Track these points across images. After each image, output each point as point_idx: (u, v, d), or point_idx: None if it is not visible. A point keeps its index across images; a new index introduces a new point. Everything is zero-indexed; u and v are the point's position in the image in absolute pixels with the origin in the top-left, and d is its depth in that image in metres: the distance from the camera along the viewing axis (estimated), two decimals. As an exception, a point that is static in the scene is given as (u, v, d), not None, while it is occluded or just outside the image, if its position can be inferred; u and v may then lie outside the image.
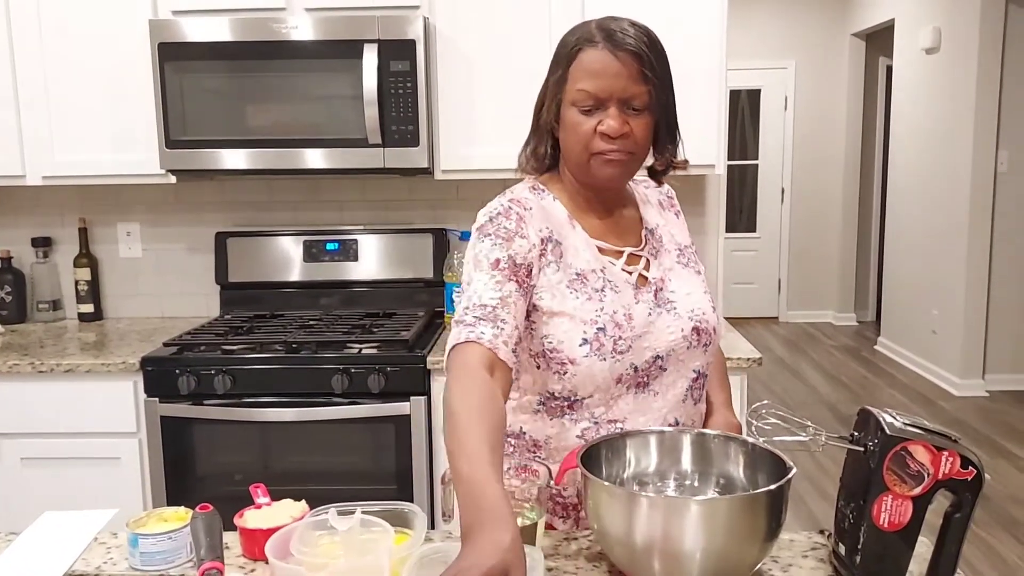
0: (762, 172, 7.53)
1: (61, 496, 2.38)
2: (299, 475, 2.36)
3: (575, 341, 1.24)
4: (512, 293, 1.20)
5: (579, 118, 1.24)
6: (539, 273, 1.26)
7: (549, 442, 1.30)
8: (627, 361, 1.25)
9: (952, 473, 1.06)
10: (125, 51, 2.52)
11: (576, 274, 1.27)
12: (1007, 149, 5.10)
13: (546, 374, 1.27)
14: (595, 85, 1.21)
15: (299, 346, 2.37)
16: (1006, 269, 5.19)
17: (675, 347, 1.29)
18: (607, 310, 1.25)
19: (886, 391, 5.44)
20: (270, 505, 1.22)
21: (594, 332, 1.24)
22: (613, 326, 1.24)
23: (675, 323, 1.29)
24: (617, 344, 1.24)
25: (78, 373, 2.35)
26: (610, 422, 1.27)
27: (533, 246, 1.25)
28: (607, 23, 1.24)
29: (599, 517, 1.05)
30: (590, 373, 1.24)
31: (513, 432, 1.33)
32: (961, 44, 5.18)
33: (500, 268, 1.21)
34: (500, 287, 1.20)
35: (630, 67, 1.21)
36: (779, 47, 7.26)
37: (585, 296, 1.25)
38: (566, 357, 1.24)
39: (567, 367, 1.25)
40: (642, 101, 1.23)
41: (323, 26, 2.41)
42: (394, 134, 2.43)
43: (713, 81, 2.50)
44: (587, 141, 1.24)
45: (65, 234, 2.95)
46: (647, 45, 1.22)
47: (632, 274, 1.31)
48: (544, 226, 1.28)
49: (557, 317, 1.25)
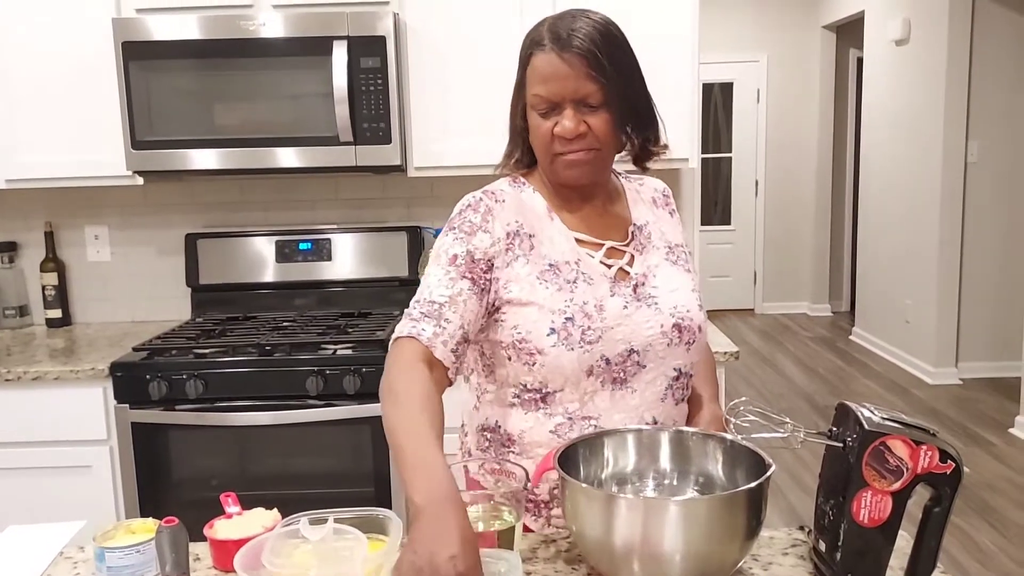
0: (735, 165, 7.56)
1: (30, 507, 2.33)
2: (275, 479, 2.33)
3: (543, 331, 1.23)
4: (463, 291, 1.22)
5: (538, 121, 1.25)
6: (506, 268, 1.26)
7: (523, 436, 1.29)
8: (597, 352, 1.24)
9: (931, 467, 1.06)
10: (88, 50, 2.46)
11: (549, 265, 1.27)
12: (977, 139, 5.15)
13: (518, 366, 1.27)
14: (547, 89, 1.22)
15: (273, 348, 2.33)
16: (978, 259, 5.25)
17: (653, 342, 1.27)
18: (577, 300, 1.24)
19: (861, 381, 5.48)
20: (241, 514, 1.19)
21: (562, 321, 1.23)
22: (582, 316, 1.24)
23: (655, 318, 1.28)
24: (585, 334, 1.23)
25: (46, 380, 2.30)
26: (584, 418, 1.26)
27: (497, 240, 1.26)
28: (558, 23, 1.23)
29: (577, 519, 1.03)
30: (558, 364, 1.23)
31: (488, 426, 1.33)
32: (930, 35, 5.23)
33: (456, 264, 1.23)
34: (452, 284, 1.22)
35: (578, 68, 1.20)
36: (750, 40, 7.29)
37: (556, 287, 1.25)
38: (534, 347, 1.24)
39: (535, 357, 1.24)
40: (596, 98, 1.22)
41: (292, 23, 2.37)
42: (366, 132, 2.40)
43: (686, 75, 2.49)
44: (547, 143, 1.25)
45: (31, 238, 2.89)
46: (598, 41, 1.20)
47: (611, 268, 1.30)
48: (514, 219, 1.28)
49: (526, 307, 1.25)
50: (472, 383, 1.39)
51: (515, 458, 1.29)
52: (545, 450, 1.24)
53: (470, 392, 1.40)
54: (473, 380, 1.38)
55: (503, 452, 1.31)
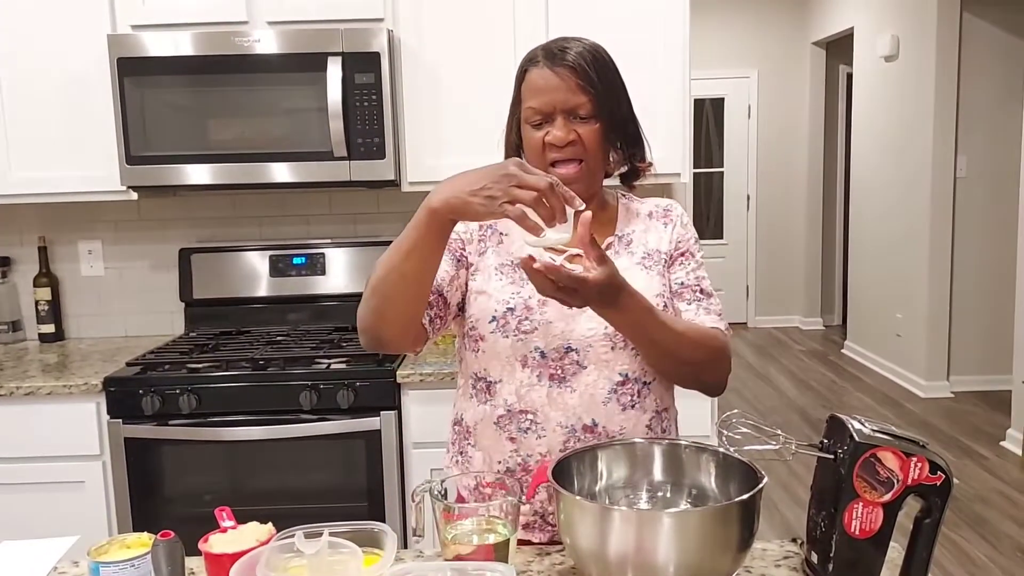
0: (727, 179, 7.60)
1: (23, 523, 2.32)
2: (268, 494, 2.32)
3: (487, 318, 1.33)
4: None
5: (531, 133, 1.32)
6: (478, 256, 1.37)
7: (476, 427, 1.37)
8: (531, 343, 1.30)
9: (921, 479, 1.07)
10: (83, 66, 2.47)
11: (511, 262, 1.35)
12: (965, 154, 5.19)
13: (469, 354, 1.37)
14: (539, 101, 1.30)
15: (266, 363, 2.34)
16: (968, 272, 5.28)
17: (593, 343, 1.31)
18: (523, 295, 1.32)
19: (854, 394, 5.50)
20: (235, 528, 1.19)
21: (503, 311, 1.32)
22: (523, 308, 1.32)
23: (598, 320, 1.27)
24: (522, 324, 1.31)
25: (39, 395, 2.29)
26: (522, 412, 1.32)
27: (472, 231, 1.38)
28: (551, 44, 1.33)
29: (571, 532, 1.04)
30: (495, 351, 1.32)
31: (456, 419, 1.42)
32: (919, 52, 5.28)
33: None
34: None
35: (568, 80, 1.28)
36: (741, 56, 7.35)
37: (509, 280, 1.34)
38: (478, 334, 1.34)
39: (479, 344, 1.34)
40: (586, 110, 1.29)
41: (286, 39, 2.39)
42: (360, 147, 2.42)
43: (677, 90, 2.51)
44: (539, 153, 1.32)
45: (24, 253, 2.89)
46: (587, 59, 1.30)
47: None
48: None
49: (481, 296, 1.34)
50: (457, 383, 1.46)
51: (471, 450, 1.38)
52: (492, 443, 1.34)
53: None
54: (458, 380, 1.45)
55: (464, 444, 1.39)
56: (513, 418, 1.33)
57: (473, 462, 1.36)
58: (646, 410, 1.35)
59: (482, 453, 1.36)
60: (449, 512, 1.11)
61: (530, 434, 1.32)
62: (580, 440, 1.31)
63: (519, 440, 1.33)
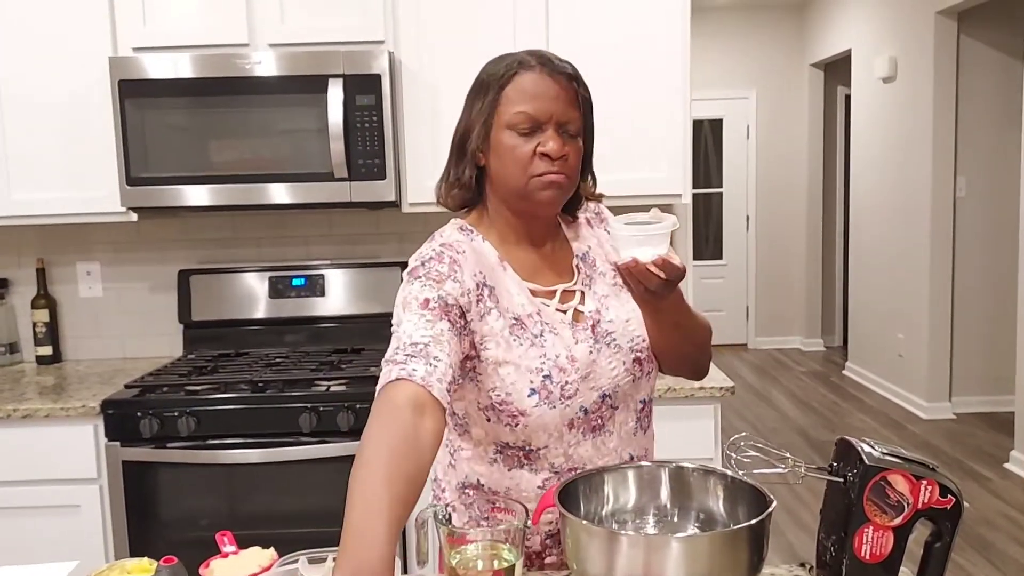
0: (726, 200, 7.62)
1: (18, 548, 2.29)
2: (267, 518, 2.30)
3: (523, 392, 1.21)
4: (444, 332, 1.14)
5: (516, 141, 1.22)
6: (480, 321, 1.21)
7: (510, 492, 1.27)
8: (576, 405, 1.23)
9: (931, 502, 1.05)
10: (84, 88, 2.48)
11: (515, 319, 1.24)
12: (964, 175, 5.21)
13: (497, 427, 1.24)
14: (534, 107, 1.21)
15: (265, 385, 2.32)
16: (968, 292, 5.28)
17: (620, 383, 1.27)
18: (550, 355, 1.22)
19: (856, 416, 5.47)
20: (237, 554, 1.17)
21: (540, 380, 1.21)
22: (558, 371, 1.22)
23: (616, 357, 1.26)
24: (564, 389, 1.22)
25: (36, 418, 2.27)
26: (571, 470, 1.25)
27: (468, 291, 1.20)
28: (536, 51, 1.27)
29: (578, 557, 1.02)
30: (542, 423, 1.22)
31: (471, 483, 1.30)
32: (916, 73, 5.31)
33: (430, 308, 1.16)
34: (431, 326, 1.13)
35: (568, 90, 1.22)
36: (740, 77, 7.38)
37: (528, 343, 1.22)
38: (516, 409, 1.21)
39: (519, 419, 1.22)
40: (576, 127, 1.24)
41: (287, 61, 2.39)
42: (360, 168, 2.41)
43: (678, 111, 2.51)
44: (526, 164, 1.21)
45: (22, 275, 2.87)
46: (578, 74, 1.26)
47: (567, 312, 1.28)
48: (478, 270, 1.24)
49: (503, 367, 1.21)
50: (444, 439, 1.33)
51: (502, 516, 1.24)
52: (533, 503, 1.22)
53: (441, 449, 1.34)
54: (445, 436, 1.31)
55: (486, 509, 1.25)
56: (562, 478, 1.22)
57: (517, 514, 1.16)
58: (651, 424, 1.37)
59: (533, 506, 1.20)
60: (453, 536, 1.09)
61: None
62: None
63: None
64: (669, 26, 2.48)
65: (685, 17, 2.49)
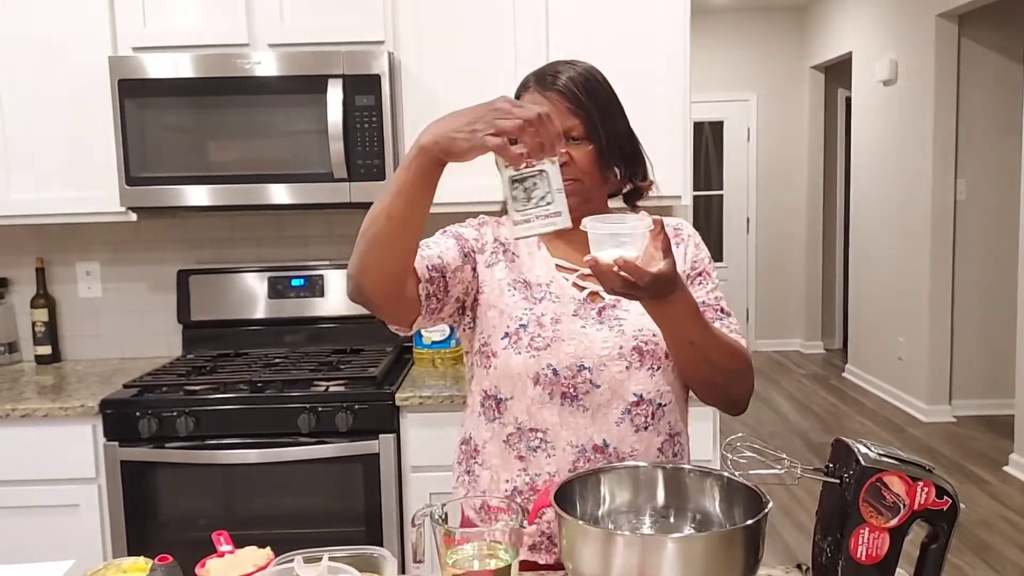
0: (727, 202, 7.62)
1: (15, 547, 2.29)
2: (265, 518, 2.30)
3: (499, 334, 1.32)
4: (450, 244, 1.33)
5: None
6: (487, 268, 1.36)
7: (485, 446, 1.35)
8: (543, 360, 1.29)
9: (928, 503, 1.05)
10: (84, 88, 2.48)
11: (523, 280, 1.35)
12: (965, 178, 5.21)
13: (480, 370, 1.35)
14: None
15: (264, 385, 2.32)
16: (969, 295, 5.27)
17: (607, 362, 1.29)
18: (536, 312, 1.31)
19: (855, 419, 5.47)
20: (233, 553, 1.17)
21: (516, 327, 1.31)
22: (536, 325, 1.30)
23: (614, 339, 1.30)
24: (534, 340, 1.29)
25: (35, 418, 2.27)
26: (532, 430, 1.30)
27: (484, 242, 1.38)
28: (544, 69, 1.36)
29: (574, 557, 1.02)
30: (507, 366, 1.30)
31: (465, 438, 1.40)
32: (917, 76, 5.31)
33: (444, 234, 1.37)
34: (439, 238, 1.34)
35: (558, 104, 1.30)
36: (740, 80, 7.39)
37: (521, 297, 1.33)
38: (490, 350, 1.32)
39: (490, 360, 1.32)
40: (578, 131, 1.31)
41: (287, 61, 2.39)
42: (360, 168, 2.42)
43: (677, 114, 2.51)
44: None
45: (22, 274, 2.88)
46: (579, 82, 1.31)
47: (584, 290, 1.34)
48: (507, 237, 1.39)
49: (492, 310, 1.33)
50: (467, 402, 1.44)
51: (479, 469, 1.35)
52: (501, 461, 1.33)
53: None
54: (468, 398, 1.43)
55: (471, 464, 1.37)
56: (523, 436, 1.31)
57: (480, 481, 1.34)
58: (659, 433, 1.34)
59: (489, 472, 1.34)
60: (450, 536, 1.09)
61: (539, 453, 1.30)
62: (590, 460, 1.29)
63: (528, 459, 1.31)
64: (669, 28, 2.48)
65: (685, 19, 2.49)
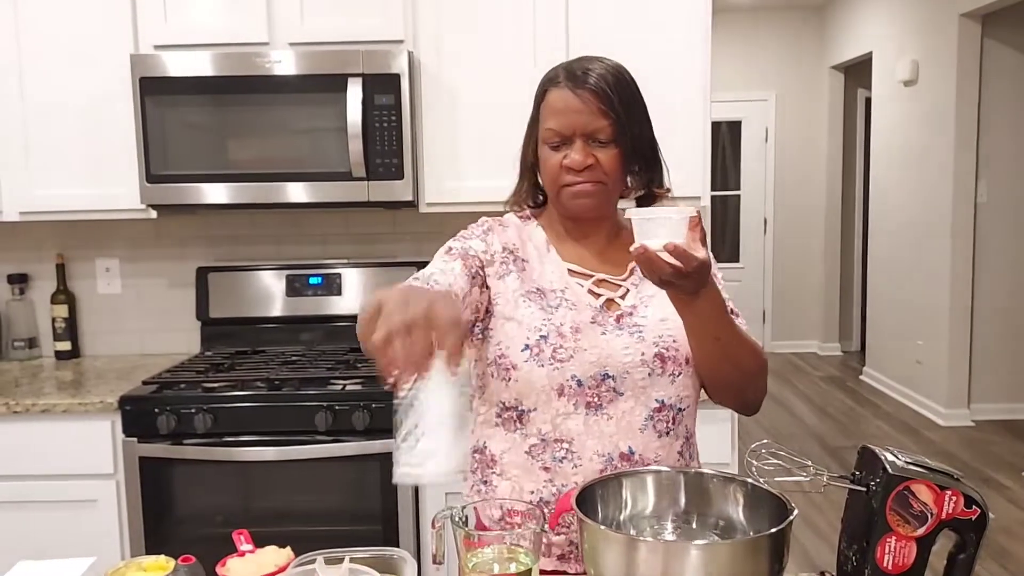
0: (744, 202, 7.58)
1: (35, 542, 2.30)
2: (282, 516, 2.30)
3: (518, 347, 1.28)
4: (455, 269, 1.27)
5: (548, 154, 1.31)
6: (498, 280, 1.33)
7: (503, 457, 1.33)
8: (567, 371, 1.27)
9: (956, 513, 1.04)
10: (105, 85, 2.49)
11: (536, 289, 1.32)
12: (986, 180, 5.15)
13: (498, 383, 1.32)
14: (559, 122, 1.29)
15: (281, 383, 2.32)
16: (989, 299, 5.22)
17: (630, 370, 1.28)
18: (555, 321, 1.29)
19: (873, 422, 5.43)
20: (254, 552, 1.17)
21: (536, 339, 1.28)
22: (556, 335, 1.28)
23: (635, 345, 1.29)
24: (557, 352, 1.27)
25: (54, 413, 2.29)
26: (557, 441, 1.28)
27: (492, 252, 1.34)
28: (573, 64, 1.32)
29: (596, 562, 1.01)
30: (529, 379, 1.28)
31: (477, 447, 1.37)
32: (938, 76, 5.26)
33: (450, 254, 1.32)
34: (443, 266, 1.28)
35: (590, 104, 1.27)
36: (759, 80, 7.34)
37: (538, 307, 1.30)
38: (510, 363, 1.29)
39: (510, 373, 1.29)
40: (606, 134, 1.28)
41: (307, 60, 2.39)
42: (378, 167, 2.41)
43: (697, 113, 2.50)
44: (556, 175, 1.31)
45: (42, 270, 2.89)
46: (610, 82, 1.28)
47: (600, 297, 1.33)
48: (514, 242, 1.36)
49: (508, 323, 1.30)
50: (472, 407, 1.41)
51: (496, 479, 1.33)
52: (523, 472, 1.30)
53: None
54: (473, 404, 1.41)
55: (487, 473, 1.35)
56: (547, 447, 1.29)
57: (498, 491, 1.32)
58: (678, 437, 1.34)
59: (510, 483, 1.32)
60: (470, 539, 1.08)
61: (566, 463, 1.29)
62: (617, 468, 1.28)
63: (554, 469, 1.29)
64: (690, 27, 2.47)
65: (707, 18, 2.47)
